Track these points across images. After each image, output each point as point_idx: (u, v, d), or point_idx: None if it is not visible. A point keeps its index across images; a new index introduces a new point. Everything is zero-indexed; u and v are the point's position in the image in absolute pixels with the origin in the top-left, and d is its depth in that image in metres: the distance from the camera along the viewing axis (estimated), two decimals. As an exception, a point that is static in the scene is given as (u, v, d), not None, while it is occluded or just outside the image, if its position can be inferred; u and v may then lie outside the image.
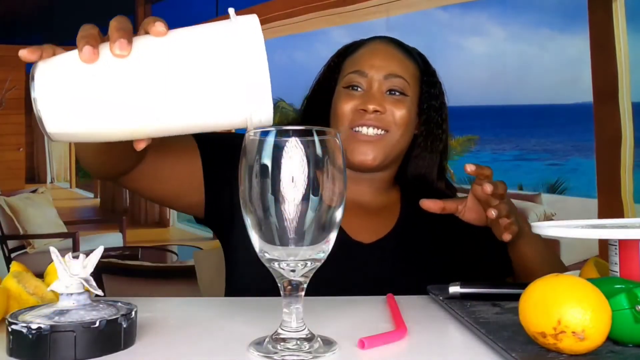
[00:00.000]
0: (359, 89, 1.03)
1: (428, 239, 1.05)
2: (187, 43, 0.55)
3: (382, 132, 1.01)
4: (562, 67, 2.33)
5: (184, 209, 1.02)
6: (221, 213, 0.98)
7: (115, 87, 0.53)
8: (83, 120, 0.54)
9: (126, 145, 0.72)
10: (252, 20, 0.55)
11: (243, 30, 0.55)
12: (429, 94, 1.09)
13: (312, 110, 1.13)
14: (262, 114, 0.55)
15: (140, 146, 0.60)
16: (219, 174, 0.95)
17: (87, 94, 0.53)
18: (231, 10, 0.56)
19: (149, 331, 0.63)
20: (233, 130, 0.69)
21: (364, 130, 1.00)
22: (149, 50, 0.55)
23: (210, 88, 0.54)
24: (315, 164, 0.54)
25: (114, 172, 0.86)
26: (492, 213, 0.86)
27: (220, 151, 0.96)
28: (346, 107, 1.02)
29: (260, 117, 0.56)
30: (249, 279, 0.97)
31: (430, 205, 0.93)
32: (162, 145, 0.90)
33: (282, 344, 0.56)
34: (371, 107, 1.00)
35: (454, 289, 0.76)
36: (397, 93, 1.03)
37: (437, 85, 1.11)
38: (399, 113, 1.02)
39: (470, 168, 0.87)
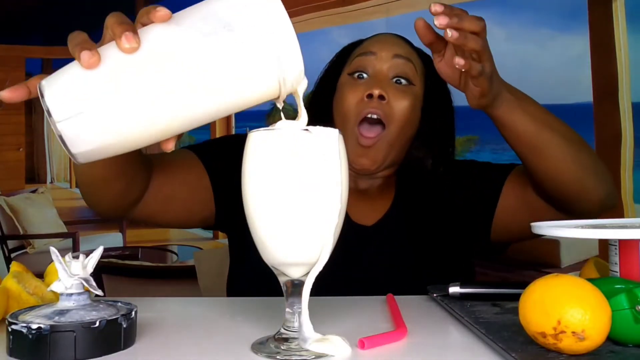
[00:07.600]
0: (364, 75, 0.98)
1: (425, 215, 1.03)
2: (201, 18, 0.50)
3: (380, 129, 0.96)
4: (562, 67, 2.33)
5: (197, 224, 1.01)
6: (232, 216, 0.95)
7: (135, 83, 0.48)
8: (110, 129, 0.49)
9: (134, 168, 0.69)
10: None
11: None
12: (434, 90, 1.02)
13: (316, 106, 1.06)
14: (293, 71, 0.52)
15: (169, 147, 0.54)
16: (224, 178, 0.94)
17: (106, 100, 0.48)
18: None
19: (149, 331, 0.63)
20: (232, 131, 0.68)
21: (369, 115, 0.95)
22: (160, 36, 0.49)
23: (235, 55, 0.50)
24: (316, 164, 0.54)
25: (125, 202, 0.86)
26: (460, 61, 0.73)
27: (221, 155, 0.96)
28: (351, 97, 0.96)
29: (292, 75, 0.52)
30: (258, 279, 0.97)
31: (423, 30, 0.81)
32: (167, 165, 0.91)
33: (285, 344, 0.56)
34: (376, 91, 0.94)
35: (454, 289, 0.76)
36: (404, 81, 0.98)
37: (443, 84, 1.01)
38: (402, 105, 0.96)
39: (435, 8, 0.74)
